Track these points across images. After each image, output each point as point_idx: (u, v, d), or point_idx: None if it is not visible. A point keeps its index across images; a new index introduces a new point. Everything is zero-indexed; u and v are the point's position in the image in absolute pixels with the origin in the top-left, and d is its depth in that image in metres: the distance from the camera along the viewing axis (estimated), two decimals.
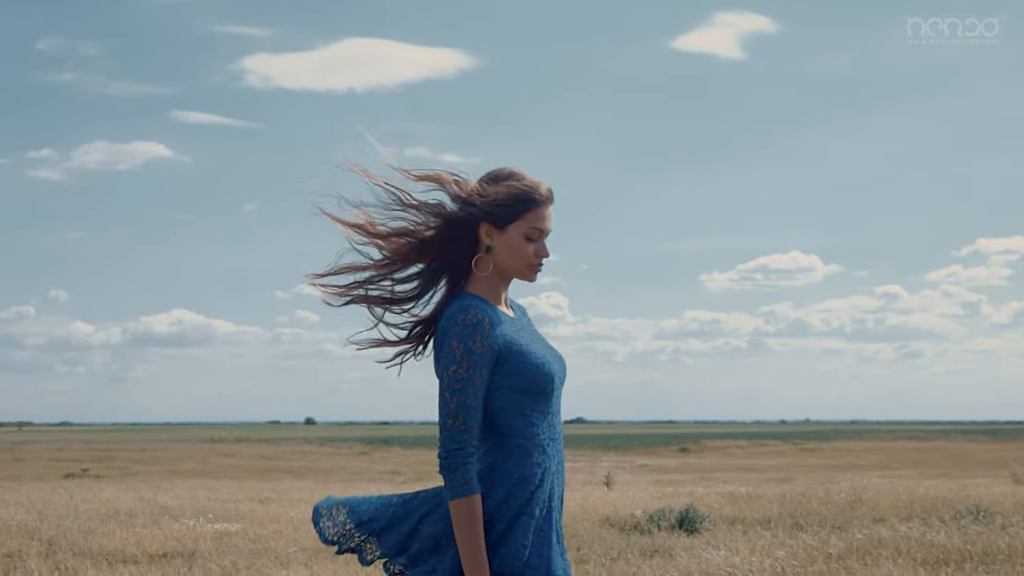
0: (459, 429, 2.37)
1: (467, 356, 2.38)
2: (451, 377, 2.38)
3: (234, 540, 8.49)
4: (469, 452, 2.37)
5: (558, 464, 2.49)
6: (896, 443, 47.65)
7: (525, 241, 2.50)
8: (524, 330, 2.54)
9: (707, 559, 6.47)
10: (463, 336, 2.38)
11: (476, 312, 2.40)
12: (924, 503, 11.52)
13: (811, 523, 9.82)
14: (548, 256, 2.54)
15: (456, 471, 2.36)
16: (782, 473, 26.04)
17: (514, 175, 2.52)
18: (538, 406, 2.46)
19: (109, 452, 37.55)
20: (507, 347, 2.43)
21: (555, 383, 2.49)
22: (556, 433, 2.50)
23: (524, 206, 2.49)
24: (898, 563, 6.61)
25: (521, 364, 2.44)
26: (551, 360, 2.51)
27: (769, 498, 12.56)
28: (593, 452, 42.75)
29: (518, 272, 2.53)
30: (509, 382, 2.43)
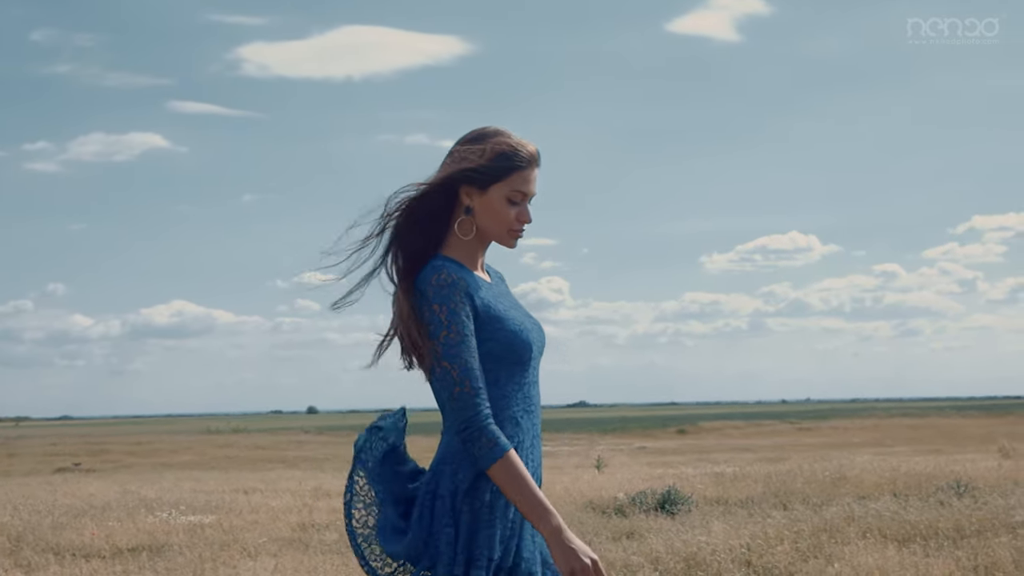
0: (469, 394, 2.22)
1: (453, 318, 2.24)
2: (444, 343, 2.23)
3: (207, 532, 8.42)
4: (487, 414, 2.21)
5: (533, 439, 2.34)
6: (891, 420, 47.62)
7: (507, 204, 2.36)
8: (502, 296, 2.40)
9: (677, 540, 6.40)
10: (443, 298, 2.25)
11: (450, 272, 2.27)
12: (907, 479, 11.47)
13: (794, 502, 9.76)
14: (530, 221, 2.40)
15: (480, 438, 2.20)
16: (776, 453, 25.98)
17: (500, 133, 2.38)
18: (513, 376, 2.31)
19: (104, 445, 37.51)
20: (485, 311, 2.29)
21: (533, 352, 2.35)
22: (532, 405, 2.35)
23: (508, 166, 2.34)
24: (867, 540, 6.54)
25: (498, 330, 2.30)
26: (530, 328, 2.37)
27: (755, 478, 12.50)
28: (591, 435, 42.73)
29: (498, 236, 2.39)
30: (484, 348, 2.28)
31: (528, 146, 2.37)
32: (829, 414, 59.00)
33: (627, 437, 40.94)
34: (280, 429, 52.69)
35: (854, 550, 6.06)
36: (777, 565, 5.69)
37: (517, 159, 2.34)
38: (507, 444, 2.20)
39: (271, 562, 6.65)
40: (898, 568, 5.56)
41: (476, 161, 2.34)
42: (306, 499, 11.86)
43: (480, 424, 2.21)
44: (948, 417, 50.39)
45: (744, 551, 5.99)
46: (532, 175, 2.37)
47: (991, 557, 5.74)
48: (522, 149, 2.36)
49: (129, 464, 29.07)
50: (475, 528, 2.22)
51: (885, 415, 53.59)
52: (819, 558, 5.96)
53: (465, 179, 2.35)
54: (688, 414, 72.55)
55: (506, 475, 2.19)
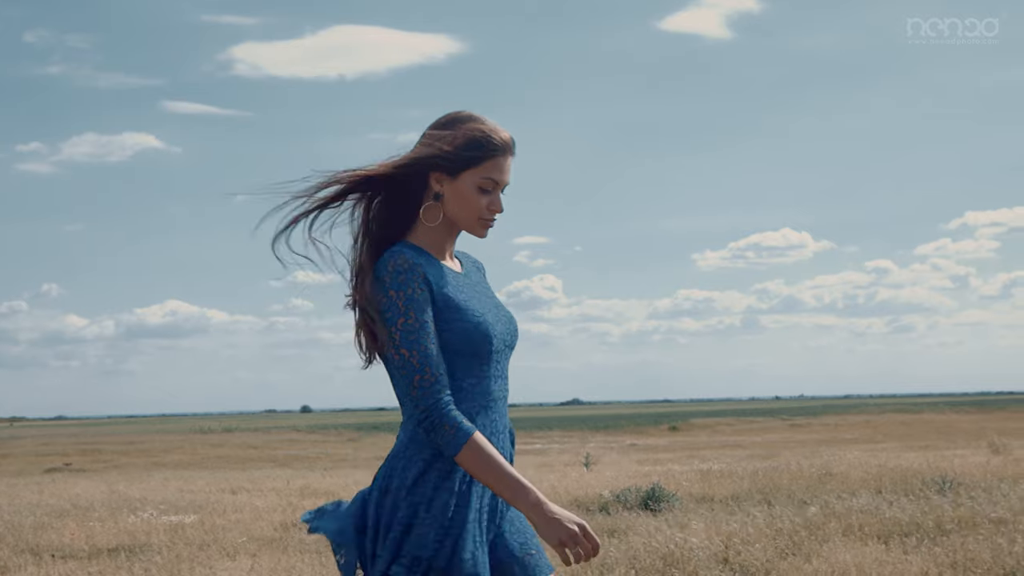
0: (429, 382, 2.13)
1: (411, 304, 2.16)
2: (402, 330, 2.15)
3: (188, 532, 8.38)
4: (447, 400, 2.13)
5: (492, 435, 2.24)
6: (883, 417, 47.67)
7: (478, 192, 2.26)
8: (469, 286, 2.30)
9: (656, 538, 6.37)
10: (400, 284, 2.16)
11: (408, 257, 2.18)
12: (894, 475, 11.45)
13: (779, 498, 9.75)
14: (501, 211, 2.29)
15: (442, 426, 2.12)
16: (767, 449, 26.00)
17: (474, 119, 2.28)
18: (471, 369, 2.22)
19: (95, 445, 37.43)
20: (443, 301, 2.20)
21: (493, 345, 2.24)
22: (492, 400, 2.25)
23: (481, 153, 2.24)
24: (848, 537, 6.52)
25: (455, 321, 2.20)
26: (493, 320, 2.26)
27: (741, 474, 12.49)
28: (583, 433, 42.74)
29: (467, 225, 2.29)
30: (440, 340, 2.19)
31: (502, 133, 2.27)
32: (821, 411, 59.04)
33: (618, 434, 40.94)
34: (272, 428, 52.61)
35: (833, 547, 6.03)
36: (754, 563, 5.66)
37: (490, 146, 2.25)
38: (471, 428, 2.13)
39: (249, 562, 6.61)
40: (875, 565, 5.54)
41: (447, 146, 2.24)
42: (291, 498, 11.82)
43: (441, 411, 2.13)
44: (940, 413, 50.46)
45: (721, 549, 5.96)
46: (506, 163, 2.28)
47: (969, 554, 5.72)
48: (496, 136, 2.26)
49: (120, 464, 29.00)
50: (409, 526, 2.15)
51: (877, 411, 53.65)
52: (797, 556, 5.94)
53: (435, 164, 2.26)
54: (680, 411, 72.57)
55: (474, 459, 2.11)
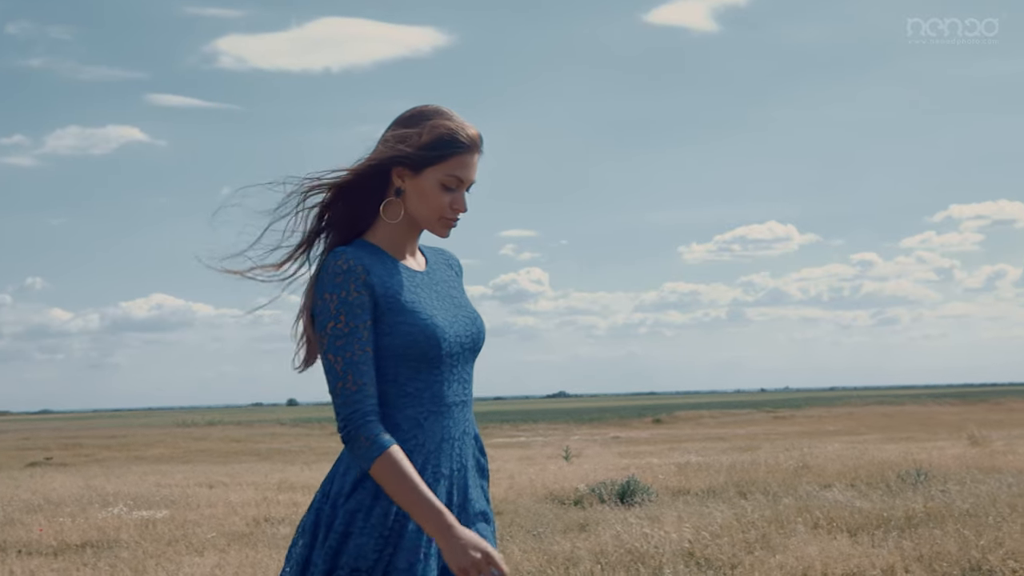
0: (351, 391, 2.05)
1: (344, 308, 2.07)
2: (331, 334, 2.07)
3: (158, 528, 8.33)
4: (366, 411, 2.05)
5: (442, 442, 2.13)
6: (866, 409, 47.80)
7: (441, 189, 2.17)
8: (426, 286, 2.20)
9: (625, 533, 6.35)
10: (335, 286, 2.08)
11: (348, 258, 2.10)
12: (870, 468, 11.48)
13: (755, 491, 9.74)
14: (465, 210, 2.20)
15: (357, 437, 2.04)
16: (749, 442, 26.02)
17: (440, 114, 2.19)
18: (419, 374, 2.12)
19: (77, 440, 37.24)
20: (386, 302, 2.11)
21: (444, 349, 2.13)
22: (444, 406, 2.14)
23: (446, 149, 2.16)
24: (817, 530, 6.51)
25: (399, 324, 2.10)
26: (445, 322, 2.15)
27: (718, 468, 12.49)
28: (567, 425, 42.74)
29: (427, 223, 2.20)
30: (384, 343, 2.10)
31: (469, 129, 2.19)
32: (805, 403, 59.19)
33: (602, 427, 40.96)
34: (256, 421, 52.49)
35: (800, 541, 6.02)
36: (720, 557, 5.64)
37: (456, 143, 2.17)
38: (387, 442, 2.04)
39: (215, 558, 6.56)
40: (841, 559, 5.53)
41: (412, 143, 2.17)
42: (268, 492, 11.77)
43: (358, 422, 2.05)
44: (923, 405, 50.63)
45: (688, 543, 5.94)
46: (471, 160, 2.19)
47: (936, 547, 5.72)
48: (463, 132, 2.18)
49: (101, 458, 28.84)
50: (347, 534, 2.07)
51: (860, 404, 53.80)
52: (764, 549, 5.92)
53: (398, 161, 2.18)
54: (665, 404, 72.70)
55: (385, 475, 2.03)
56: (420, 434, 2.13)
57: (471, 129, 2.20)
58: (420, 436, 2.13)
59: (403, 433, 2.11)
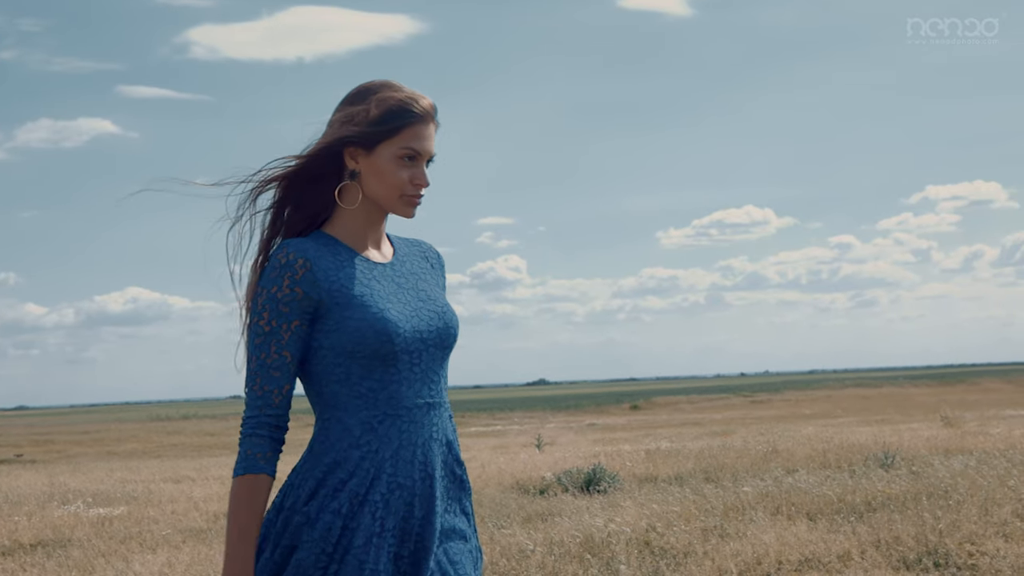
0: (255, 395, 1.94)
1: (269, 305, 1.94)
2: (252, 332, 1.96)
3: (115, 525, 8.20)
4: (262, 422, 1.92)
5: (400, 448, 1.95)
6: (844, 391, 48.05)
7: (398, 165, 2.01)
8: (385, 278, 2.04)
9: (581, 522, 6.27)
10: (269, 280, 1.95)
11: (290, 251, 1.95)
12: (839, 451, 11.44)
13: (723, 477, 9.69)
14: (427, 184, 2.04)
15: (242, 443, 1.93)
16: (724, 426, 26.05)
17: (388, 86, 2.04)
18: (372, 373, 1.95)
19: (49, 436, 37.00)
20: (331, 298, 1.95)
21: (398, 345, 1.95)
22: (403, 408, 1.96)
23: (398, 121, 2.00)
24: (777, 516, 6.45)
25: (346, 319, 1.94)
26: (400, 317, 1.98)
27: (686, 453, 12.44)
28: (544, 413, 42.76)
29: (388, 203, 2.03)
30: (331, 340, 1.95)
31: (422, 99, 2.04)
32: (783, 386, 59.45)
33: (580, 414, 41.01)
34: (233, 414, 52.27)
35: (758, 528, 5.95)
36: (676, 545, 5.57)
37: (407, 113, 2.01)
38: (259, 467, 1.92)
39: (164, 555, 6.44)
40: (797, 545, 5.46)
41: (361, 120, 2.01)
42: None
43: (249, 430, 1.94)
44: (900, 387, 50.93)
45: (643, 531, 5.86)
46: (427, 131, 2.03)
47: (894, 531, 5.66)
48: (413, 103, 2.02)
49: (72, 454, 28.63)
50: (292, 547, 1.93)
51: (838, 386, 54.07)
52: (721, 537, 5.85)
53: (349, 140, 2.02)
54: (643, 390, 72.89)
55: (233, 497, 1.93)
56: (373, 439, 1.94)
57: (424, 99, 2.05)
58: (373, 442, 1.94)
59: (353, 438, 1.94)
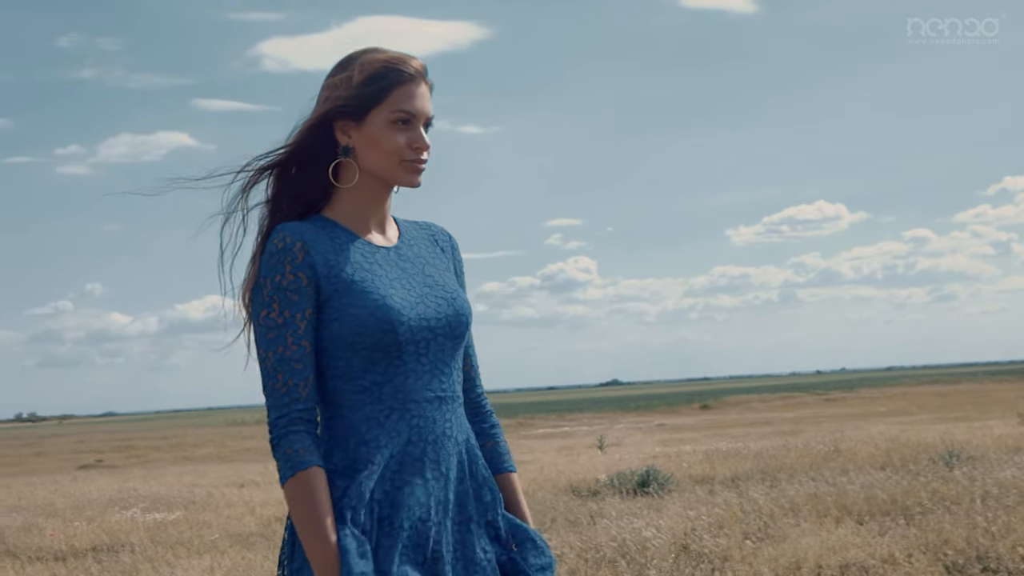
0: (279, 391, 1.76)
1: (278, 294, 1.78)
2: (262, 325, 1.79)
3: (169, 530, 8.31)
4: (295, 418, 1.75)
5: (409, 444, 1.80)
6: (920, 388, 47.00)
7: (392, 129, 1.85)
8: (389, 262, 1.89)
9: (620, 526, 6.19)
10: (270, 268, 1.79)
11: (286, 235, 1.80)
12: (904, 450, 11.17)
13: (781, 478, 9.53)
14: (427, 147, 1.87)
15: (278, 447, 1.75)
16: (794, 425, 25.68)
17: (373, 50, 1.90)
18: (375, 365, 1.79)
19: (130, 441, 37.75)
20: (330, 284, 1.80)
21: (401, 334, 1.80)
22: (411, 402, 1.81)
23: (384, 84, 1.85)
24: (823, 519, 6.30)
25: (346, 307, 1.79)
26: (404, 304, 1.83)
27: (745, 454, 12.26)
28: (614, 414, 42.54)
29: (389, 173, 1.86)
30: (331, 330, 1.79)
31: (410, 59, 1.89)
32: (857, 384, 58.40)
33: (649, 415, 40.71)
34: None
35: (801, 531, 5.82)
36: (714, 550, 5.46)
37: (393, 74, 1.86)
38: (306, 462, 1.73)
39: (207, 561, 6.50)
40: (840, 548, 5.32)
41: (346, 88, 1.86)
42: None
43: (281, 430, 1.76)
44: (979, 383, 49.67)
45: (682, 536, 5.76)
46: (417, 91, 1.87)
47: (944, 534, 5.48)
48: (401, 62, 1.87)
49: (151, 459, 29.17)
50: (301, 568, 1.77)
51: (914, 383, 52.96)
52: (763, 540, 5.73)
53: (337, 113, 1.87)
54: (716, 389, 72.18)
55: (292, 498, 1.74)
56: (381, 435, 1.79)
57: (412, 59, 1.90)
58: (381, 437, 1.79)
59: (359, 435, 1.79)
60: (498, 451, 1.99)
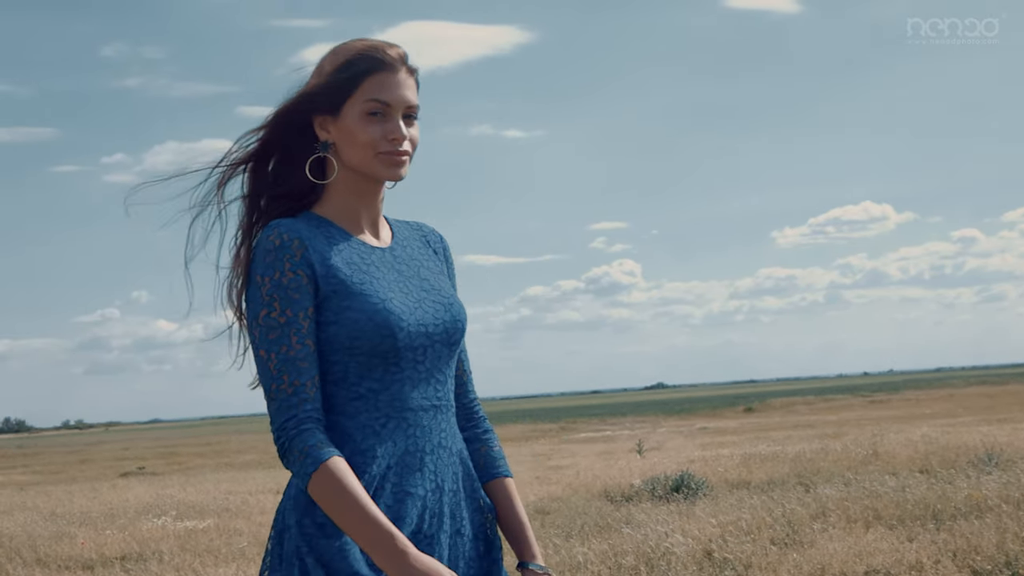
0: (286, 394, 1.68)
1: (279, 292, 1.70)
2: (263, 326, 1.70)
3: (199, 538, 8.34)
4: (303, 418, 1.67)
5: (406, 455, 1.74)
6: (967, 390, 46.28)
7: (366, 121, 1.76)
8: (384, 264, 1.81)
9: (640, 532, 6.11)
10: (267, 266, 1.71)
11: (283, 231, 1.72)
12: (944, 453, 10.99)
13: (818, 482, 9.40)
14: (404, 138, 1.77)
15: (291, 450, 1.66)
16: (837, 428, 25.32)
17: (353, 40, 1.81)
18: (372, 371, 1.73)
19: (174, 448, 38.09)
20: (328, 284, 1.72)
21: (401, 340, 1.73)
22: (408, 411, 1.75)
23: (356, 73, 1.76)
24: (852, 524, 6.18)
25: (344, 310, 1.72)
26: (404, 308, 1.76)
27: (783, 458, 12.11)
28: (656, 418, 42.29)
29: (367, 166, 1.77)
30: (328, 333, 1.72)
31: (387, 48, 1.79)
32: (903, 386, 57.68)
33: (692, 418, 40.41)
34: None
35: (828, 537, 5.71)
36: (739, 556, 5.37)
37: (366, 61, 1.77)
38: (325, 454, 1.65)
39: (232, 569, 6.51)
40: (866, 554, 5.21)
41: (318, 81, 1.79)
42: None
43: (292, 432, 1.67)
44: None
45: (707, 542, 5.68)
46: (394, 79, 1.77)
47: (973, 540, 5.36)
48: (376, 51, 1.78)
49: (192, 466, 29.36)
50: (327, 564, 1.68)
51: (962, 384, 52.21)
52: (788, 546, 5.63)
53: (311, 106, 1.79)
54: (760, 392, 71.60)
55: (323, 492, 1.64)
56: (377, 445, 1.73)
57: (390, 48, 1.80)
58: (377, 447, 1.73)
59: (355, 444, 1.71)
60: (492, 456, 1.91)
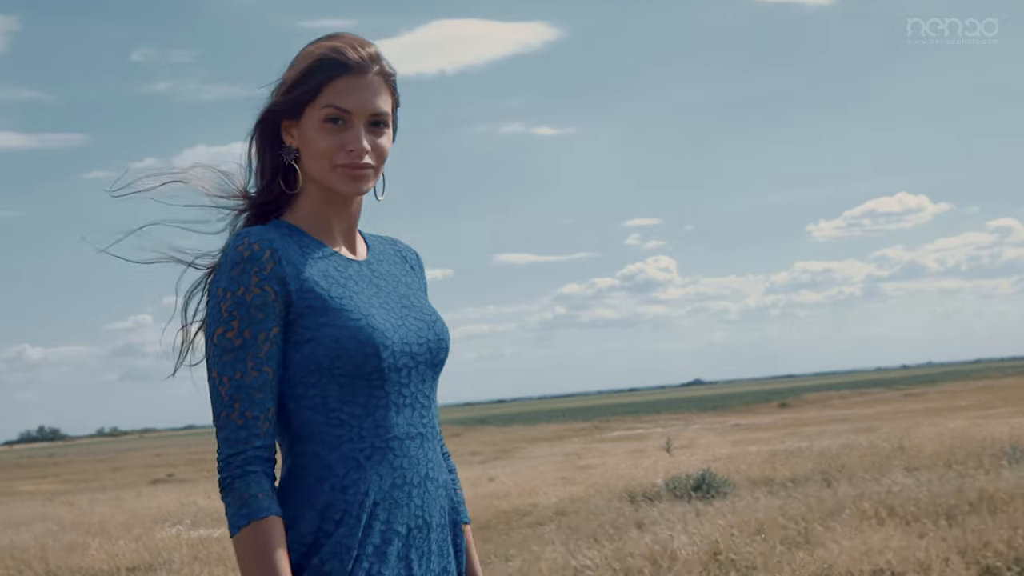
0: (235, 425, 1.51)
1: (239, 310, 1.53)
2: (218, 346, 1.54)
3: (211, 547, 8.30)
4: (252, 456, 1.50)
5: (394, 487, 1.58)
6: (1004, 381, 45.70)
7: (323, 129, 1.60)
8: (362, 279, 1.66)
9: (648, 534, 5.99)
10: (232, 280, 1.54)
11: (253, 241, 1.55)
12: (971, 447, 10.77)
13: (842, 478, 9.24)
14: (365, 150, 1.61)
15: (231, 489, 1.50)
16: (871, 422, 25.03)
17: (324, 38, 1.65)
18: (355, 395, 1.56)
19: (204, 455, 38.26)
20: (303, 298, 1.56)
21: (385, 360, 1.57)
22: (393, 439, 1.58)
23: (318, 77, 1.60)
24: (865, 521, 6.03)
25: (322, 326, 1.56)
26: (387, 326, 1.60)
27: (808, 454, 11.93)
28: (689, 415, 42.06)
29: (323, 177, 1.62)
30: (303, 352, 1.55)
31: (357, 47, 1.62)
32: (940, 378, 57.07)
33: (726, 415, 40.16)
34: None
35: (839, 535, 5.56)
36: (746, 557, 5.24)
37: (329, 65, 1.60)
38: (263, 509, 1.49)
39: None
40: (875, 552, 5.07)
41: (282, 85, 1.65)
42: None
43: (237, 471, 1.51)
44: None
45: (714, 543, 5.55)
46: (358, 84, 1.60)
47: (984, 537, 5.20)
48: (340, 52, 1.61)
49: None
50: None
51: (999, 375, 51.55)
52: (798, 546, 5.49)
53: (275, 112, 1.65)
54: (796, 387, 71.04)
55: (244, 551, 1.47)
56: (362, 479, 1.56)
57: (360, 48, 1.62)
58: (362, 482, 1.56)
59: (336, 479, 1.55)
60: (456, 500, 1.75)
